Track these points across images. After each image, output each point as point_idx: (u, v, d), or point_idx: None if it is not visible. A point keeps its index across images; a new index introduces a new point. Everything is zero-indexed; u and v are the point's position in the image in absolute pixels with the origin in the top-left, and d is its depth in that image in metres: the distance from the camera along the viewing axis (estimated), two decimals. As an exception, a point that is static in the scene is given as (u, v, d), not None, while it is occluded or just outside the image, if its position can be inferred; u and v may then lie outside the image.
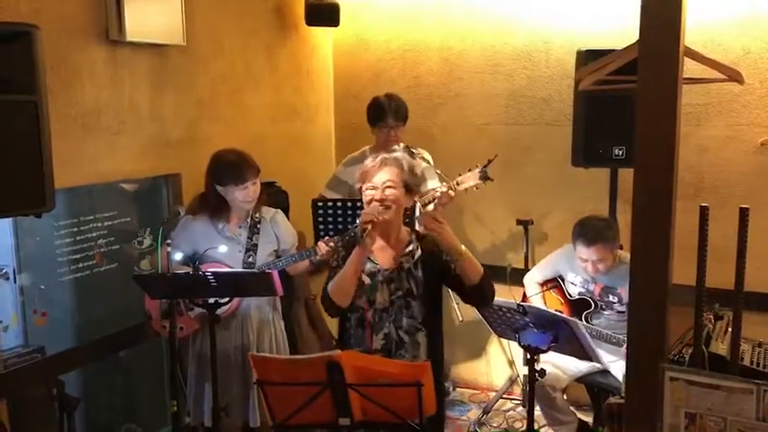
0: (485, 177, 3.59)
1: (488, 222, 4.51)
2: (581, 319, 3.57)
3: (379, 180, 2.58)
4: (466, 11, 4.42)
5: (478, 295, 2.65)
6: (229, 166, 3.13)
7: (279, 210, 3.41)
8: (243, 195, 3.14)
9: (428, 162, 3.92)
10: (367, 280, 2.63)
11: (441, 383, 2.73)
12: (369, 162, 2.65)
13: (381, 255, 2.67)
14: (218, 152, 3.21)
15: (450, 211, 3.97)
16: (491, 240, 4.53)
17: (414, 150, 3.89)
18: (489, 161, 3.61)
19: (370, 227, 2.48)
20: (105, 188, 3.45)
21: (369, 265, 2.64)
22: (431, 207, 3.63)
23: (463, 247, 2.54)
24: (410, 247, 2.66)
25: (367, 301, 2.63)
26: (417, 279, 2.63)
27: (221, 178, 3.14)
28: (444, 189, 3.60)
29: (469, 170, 3.63)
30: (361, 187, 2.65)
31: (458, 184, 3.63)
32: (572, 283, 3.70)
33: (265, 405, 2.30)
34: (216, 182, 3.16)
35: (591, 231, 3.46)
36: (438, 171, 3.89)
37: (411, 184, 2.63)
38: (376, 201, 2.56)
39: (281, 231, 3.32)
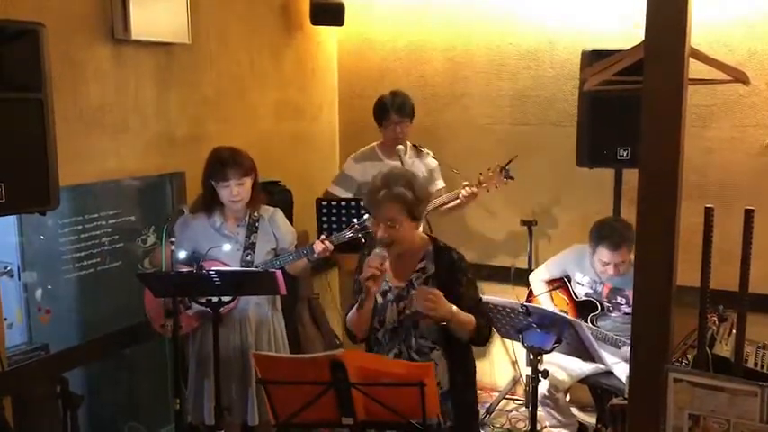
0: (507, 176, 3.78)
1: (492, 222, 4.50)
2: (587, 321, 3.57)
3: (382, 217, 2.47)
4: (471, 11, 4.41)
5: (471, 343, 2.58)
6: (216, 163, 3.15)
7: (277, 209, 3.40)
8: (226, 194, 3.14)
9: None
10: (380, 299, 2.59)
11: (471, 404, 2.66)
12: (373, 184, 2.52)
13: (393, 271, 2.60)
14: (215, 148, 3.23)
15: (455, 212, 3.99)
16: (495, 241, 4.52)
17: (422, 150, 3.93)
18: (510, 161, 3.76)
19: (370, 284, 2.43)
20: (110, 186, 3.46)
21: (383, 285, 2.58)
22: (456, 202, 3.81)
23: (454, 308, 2.43)
24: (423, 263, 2.57)
25: (378, 321, 2.59)
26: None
27: (210, 173, 3.17)
28: (471, 191, 3.75)
29: (489, 170, 3.78)
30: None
31: (480, 183, 3.77)
32: (579, 284, 3.69)
33: (268, 404, 2.30)
34: (207, 176, 3.18)
35: (616, 235, 3.44)
36: (455, 170, 3.97)
37: (416, 213, 2.49)
38: (380, 237, 2.48)
39: (279, 230, 3.32)
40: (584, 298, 3.66)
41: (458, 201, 3.78)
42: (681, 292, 1.88)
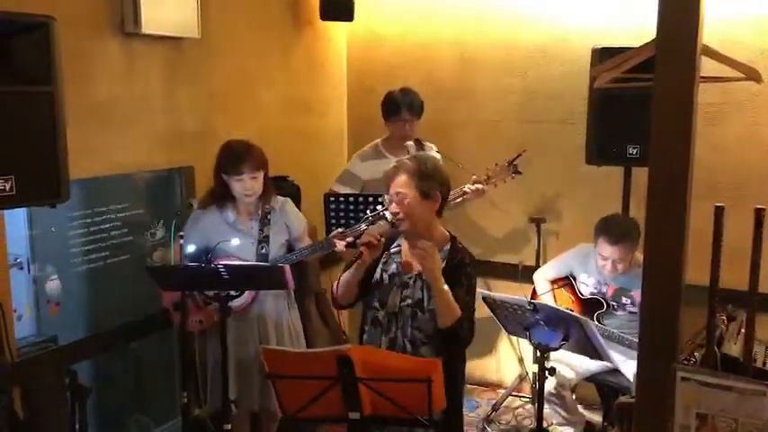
0: (515, 171, 3.74)
1: (501, 219, 4.49)
2: (593, 319, 3.56)
3: (393, 190, 2.57)
4: (480, 6, 4.40)
5: (445, 340, 2.54)
6: (229, 156, 3.15)
7: (287, 198, 3.41)
8: (239, 187, 3.14)
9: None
10: (386, 279, 2.63)
11: (455, 402, 2.64)
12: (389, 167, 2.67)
13: (407, 259, 2.64)
14: (228, 141, 3.24)
15: (463, 207, 3.97)
16: (503, 237, 4.52)
17: (424, 143, 3.92)
18: (518, 155, 3.74)
19: (364, 249, 2.53)
20: (119, 180, 3.47)
21: (393, 267, 2.64)
22: (461, 198, 3.73)
23: (445, 286, 2.46)
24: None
25: (380, 301, 2.63)
26: (431, 292, 2.54)
27: (222, 166, 3.16)
28: (479, 186, 3.70)
29: (497, 164, 3.74)
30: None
31: (488, 177, 3.73)
32: (584, 284, 3.68)
33: (275, 398, 2.31)
34: (219, 169, 3.18)
35: (616, 230, 3.43)
36: (461, 165, 3.88)
37: (426, 189, 2.54)
38: (391, 212, 2.57)
39: (290, 219, 3.33)
40: (589, 296, 3.65)
41: (464, 196, 3.71)
42: (690, 291, 1.87)
